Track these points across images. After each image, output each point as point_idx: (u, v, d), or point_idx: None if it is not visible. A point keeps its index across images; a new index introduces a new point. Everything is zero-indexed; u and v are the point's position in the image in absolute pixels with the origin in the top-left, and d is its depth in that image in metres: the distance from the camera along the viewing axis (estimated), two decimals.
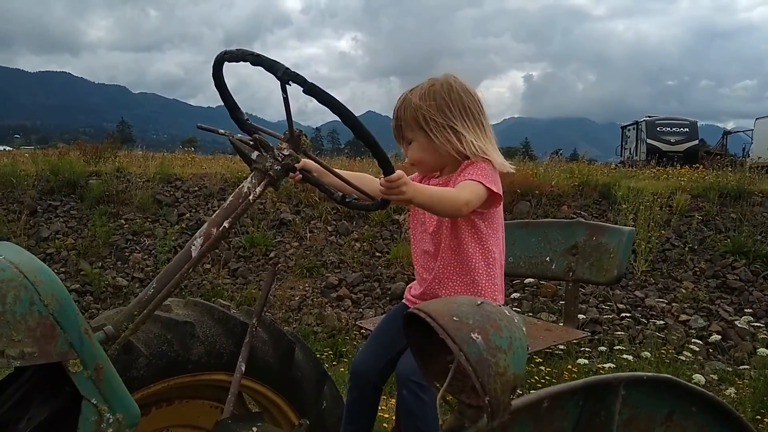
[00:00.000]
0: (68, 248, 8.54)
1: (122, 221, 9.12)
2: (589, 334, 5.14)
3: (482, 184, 1.97)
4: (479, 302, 1.19)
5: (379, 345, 2.28)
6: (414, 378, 1.96)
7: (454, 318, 1.15)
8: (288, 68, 1.67)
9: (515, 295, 7.02)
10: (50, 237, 8.75)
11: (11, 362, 1.32)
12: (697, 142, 26.91)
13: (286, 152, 1.92)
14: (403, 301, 2.38)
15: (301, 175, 2.04)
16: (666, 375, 1.54)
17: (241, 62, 1.81)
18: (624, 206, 9.23)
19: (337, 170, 2.06)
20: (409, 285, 2.38)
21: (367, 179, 2.22)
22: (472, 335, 1.12)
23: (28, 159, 12.13)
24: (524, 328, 1.21)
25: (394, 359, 2.21)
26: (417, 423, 1.97)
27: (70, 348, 1.39)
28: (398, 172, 1.78)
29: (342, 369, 5.70)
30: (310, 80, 1.67)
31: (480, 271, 2.13)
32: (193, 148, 19.64)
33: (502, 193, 2.04)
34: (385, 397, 3.91)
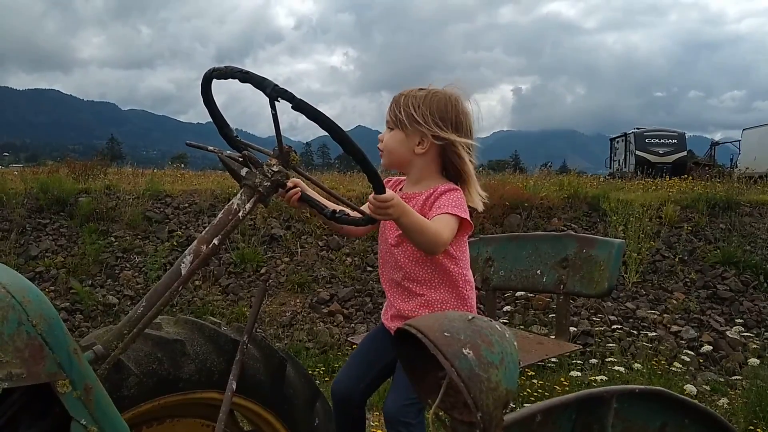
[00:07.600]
0: (58, 266, 8.47)
1: (112, 239, 9.06)
2: (581, 346, 5.14)
3: (457, 216, 2.01)
4: (470, 317, 1.19)
5: (358, 366, 2.30)
6: (402, 418, 1.99)
7: (446, 333, 1.14)
8: (276, 85, 1.67)
9: (507, 308, 7.02)
10: (39, 255, 8.68)
11: None
12: (685, 153, 27.11)
13: (275, 168, 1.92)
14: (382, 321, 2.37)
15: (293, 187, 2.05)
16: (658, 387, 1.54)
17: (230, 79, 1.81)
18: (614, 218, 9.26)
19: (325, 186, 2.07)
20: (384, 309, 2.36)
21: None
22: (464, 351, 1.12)
23: (17, 177, 12.05)
24: (515, 343, 1.21)
25: (374, 378, 2.23)
26: None
27: (59, 368, 1.37)
28: (389, 193, 1.79)
29: None
30: (298, 96, 1.67)
31: (457, 296, 2.15)
32: (182, 165, 19.59)
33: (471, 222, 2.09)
34: (377, 423, 3.89)
